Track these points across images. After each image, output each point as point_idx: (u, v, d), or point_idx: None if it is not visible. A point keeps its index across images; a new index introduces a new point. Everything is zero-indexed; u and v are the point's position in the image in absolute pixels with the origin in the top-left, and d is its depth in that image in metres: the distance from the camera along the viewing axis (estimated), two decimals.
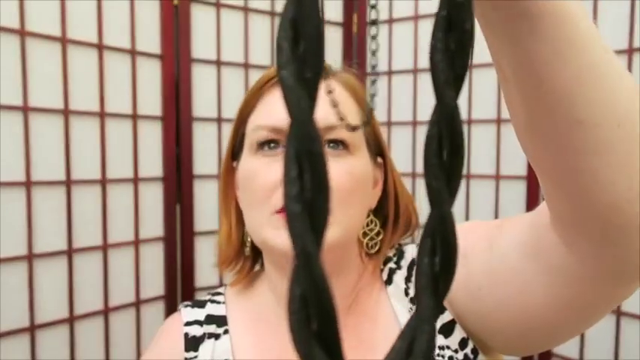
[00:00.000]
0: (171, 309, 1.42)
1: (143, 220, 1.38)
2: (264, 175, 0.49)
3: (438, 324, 0.50)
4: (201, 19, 1.46)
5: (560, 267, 0.37)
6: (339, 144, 0.49)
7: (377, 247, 0.56)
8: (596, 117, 0.28)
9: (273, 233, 0.48)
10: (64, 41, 1.20)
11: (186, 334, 0.55)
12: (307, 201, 0.14)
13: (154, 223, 1.41)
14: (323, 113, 0.49)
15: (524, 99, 0.30)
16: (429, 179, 0.16)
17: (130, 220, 1.35)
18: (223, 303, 0.58)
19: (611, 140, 0.29)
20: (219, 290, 0.61)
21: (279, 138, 0.50)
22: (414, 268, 0.50)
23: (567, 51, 0.27)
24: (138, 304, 1.37)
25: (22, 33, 1.14)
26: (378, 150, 0.55)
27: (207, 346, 0.54)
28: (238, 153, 0.55)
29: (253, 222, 0.51)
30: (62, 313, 1.23)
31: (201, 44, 1.46)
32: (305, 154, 0.14)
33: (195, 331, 0.55)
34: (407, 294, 0.53)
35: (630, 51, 1.26)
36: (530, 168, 1.45)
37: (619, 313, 1.30)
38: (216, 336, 0.55)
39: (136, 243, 1.36)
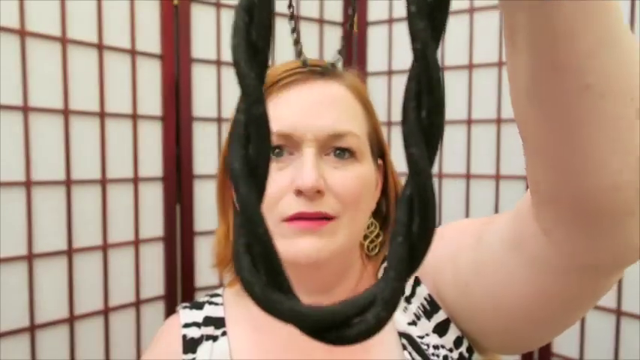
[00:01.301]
0: (171, 309, 1.42)
1: (143, 220, 1.38)
2: (271, 185, 0.46)
3: (432, 323, 0.50)
4: (201, 18, 1.46)
5: (542, 258, 0.37)
6: (346, 152, 0.49)
7: (377, 250, 0.56)
8: (608, 85, 0.27)
9: (284, 243, 0.47)
10: (64, 41, 1.20)
11: (184, 336, 0.55)
12: (251, 162, 0.16)
13: (153, 223, 1.41)
14: (330, 121, 0.48)
15: (534, 63, 0.29)
16: (408, 145, 0.17)
17: (130, 220, 1.35)
18: (221, 304, 0.58)
19: (618, 114, 0.28)
20: (218, 292, 0.60)
21: (286, 144, 0.48)
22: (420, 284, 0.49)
23: (591, 10, 0.26)
24: (138, 304, 1.37)
25: (22, 33, 1.14)
26: (379, 152, 0.55)
27: (205, 347, 0.54)
28: None
29: None
30: (62, 313, 1.23)
31: (201, 44, 1.46)
32: (251, 120, 0.16)
33: (193, 332, 0.55)
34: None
35: None
36: None
37: (619, 313, 1.30)
38: (214, 338, 0.54)
39: (136, 243, 1.36)
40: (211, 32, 1.47)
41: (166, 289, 1.43)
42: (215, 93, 1.49)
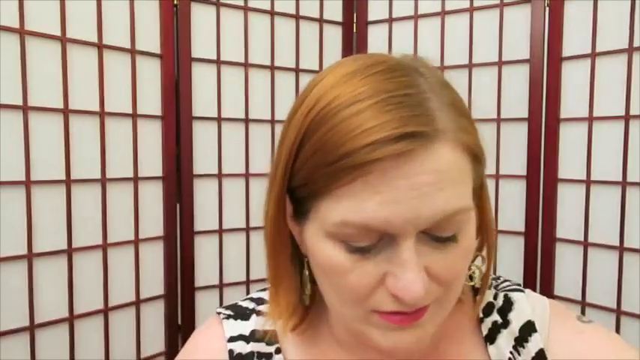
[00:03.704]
0: (171, 308, 1.42)
1: (143, 219, 1.38)
2: (357, 279, 0.38)
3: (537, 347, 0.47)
4: (201, 18, 1.46)
5: None
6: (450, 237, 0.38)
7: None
8: None
9: (376, 332, 0.40)
10: (63, 40, 1.20)
11: (230, 352, 0.48)
12: None
13: (154, 223, 1.41)
14: (435, 208, 0.36)
15: None
16: None
17: (130, 219, 1.35)
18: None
19: None
20: (262, 296, 0.53)
21: (373, 236, 0.37)
22: (531, 334, 0.46)
23: None
24: (138, 303, 1.37)
25: (22, 32, 1.13)
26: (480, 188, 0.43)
27: None
28: (301, 212, 0.42)
29: (344, 312, 0.42)
30: (62, 312, 1.23)
31: (201, 43, 1.46)
32: None
33: (241, 348, 0.48)
34: None
35: (630, 51, 1.26)
36: (530, 167, 1.45)
37: (619, 313, 1.31)
38: (267, 356, 0.48)
39: (136, 242, 1.36)
40: (211, 32, 1.47)
41: (166, 289, 1.43)
42: (215, 92, 1.49)
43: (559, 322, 0.48)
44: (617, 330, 1.31)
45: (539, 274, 1.45)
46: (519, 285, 0.52)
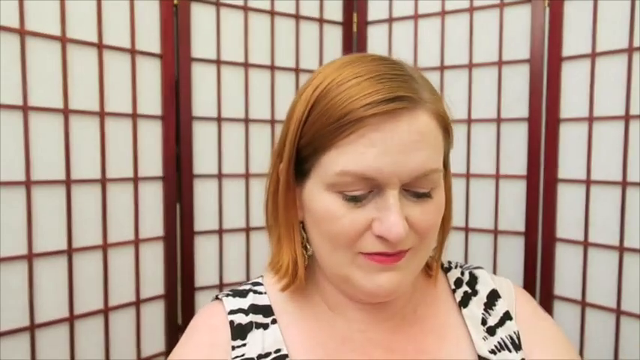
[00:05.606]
0: (171, 308, 1.42)
1: (143, 219, 1.38)
2: (349, 223, 0.45)
3: (519, 356, 0.53)
4: (201, 18, 1.46)
5: None
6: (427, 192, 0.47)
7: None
8: None
9: (360, 275, 0.47)
10: (63, 40, 1.20)
11: (231, 322, 0.52)
12: None
13: (154, 223, 1.41)
14: (417, 162, 0.44)
15: None
16: None
17: (130, 219, 1.35)
18: (265, 293, 0.56)
19: None
20: (258, 280, 0.58)
21: (366, 186, 0.45)
22: (497, 299, 0.54)
23: None
24: (138, 303, 1.37)
25: (22, 32, 1.13)
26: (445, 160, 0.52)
27: (256, 335, 0.52)
28: (302, 172, 0.50)
29: (333, 259, 0.48)
30: (62, 312, 1.23)
31: (201, 43, 1.46)
32: None
33: (241, 319, 0.53)
34: (484, 323, 0.55)
35: (630, 51, 1.26)
36: (530, 167, 1.45)
37: (619, 313, 1.31)
38: (264, 325, 0.53)
39: (136, 242, 1.36)
40: (211, 32, 1.47)
41: (166, 289, 1.43)
42: (215, 92, 1.49)
43: (525, 302, 0.58)
44: (617, 330, 1.31)
45: (539, 274, 1.46)
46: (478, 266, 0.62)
